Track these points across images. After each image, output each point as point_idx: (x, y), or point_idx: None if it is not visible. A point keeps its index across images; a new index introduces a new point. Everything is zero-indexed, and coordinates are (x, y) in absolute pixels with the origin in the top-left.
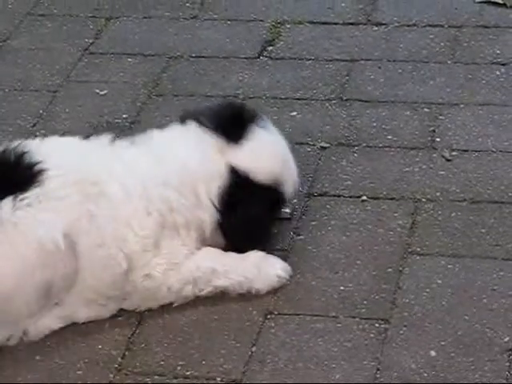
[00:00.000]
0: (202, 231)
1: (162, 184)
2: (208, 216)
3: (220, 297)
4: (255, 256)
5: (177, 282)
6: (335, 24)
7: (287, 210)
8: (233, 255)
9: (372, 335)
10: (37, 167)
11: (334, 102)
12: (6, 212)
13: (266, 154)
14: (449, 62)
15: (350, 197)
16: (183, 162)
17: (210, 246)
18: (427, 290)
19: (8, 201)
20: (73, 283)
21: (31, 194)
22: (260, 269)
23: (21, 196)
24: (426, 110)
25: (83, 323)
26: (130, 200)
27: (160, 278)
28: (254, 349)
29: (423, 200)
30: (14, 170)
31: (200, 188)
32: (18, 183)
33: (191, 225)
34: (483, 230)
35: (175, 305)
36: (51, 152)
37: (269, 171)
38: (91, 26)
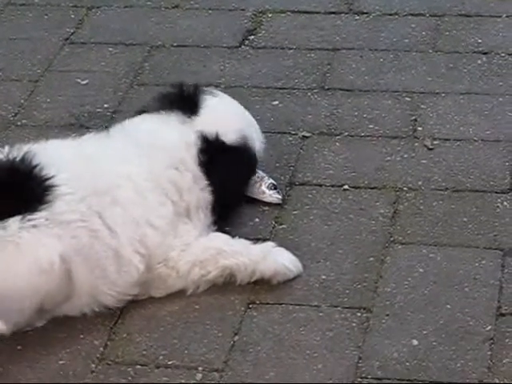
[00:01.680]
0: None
1: (164, 168)
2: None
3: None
4: (265, 244)
5: (185, 264)
6: (317, 13)
7: (279, 196)
8: (242, 240)
9: (354, 324)
10: (47, 183)
11: (315, 91)
12: (12, 232)
13: (226, 114)
14: (430, 51)
15: (332, 186)
16: (166, 142)
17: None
18: (409, 279)
19: (16, 220)
20: (69, 299)
21: (39, 217)
22: (267, 254)
23: (29, 217)
24: (407, 99)
25: None
26: (144, 197)
27: (173, 261)
28: (235, 338)
29: (405, 189)
30: (24, 184)
31: (187, 159)
32: (28, 200)
33: (200, 202)
34: (465, 219)
35: (189, 292)
36: (59, 163)
37: (235, 129)
38: (72, 16)
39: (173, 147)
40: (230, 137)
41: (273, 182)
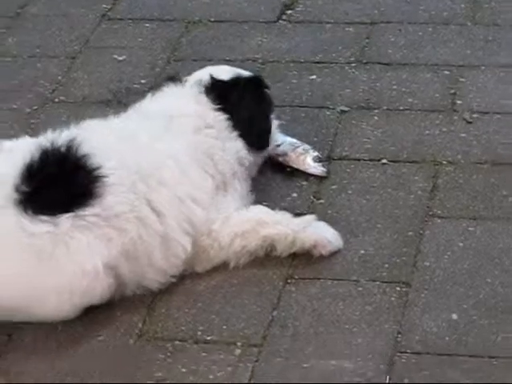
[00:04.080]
0: (240, 161)
1: (192, 133)
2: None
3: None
4: (306, 216)
5: (226, 235)
6: None
7: (324, 168)
8: (282, 212)
9: (393, 299)
10: (96, 174)
11: (353, 65)
12: (64, 230)
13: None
14: (469, 23)
15: (370, 160)
16: (183, 109)
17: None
18: (448, 253)
19: (68, 217)
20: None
21: (90, 213)
22: (308, 226)
23: (81, 213)
24: (446, 72)
25: None
26: (186, 173)
27: (215, 233)
28: (274, 313)
29: (444, 163)
30: (73, 176)
31: (200, 106)
32: (78, 194)
33: (234, 171)
34: (504, 192)
35: (232, 264)
36: (103, 149)
37: (227, 70)
38: None
39: (190, 111)
40: (225, 76)
41: (318, 154)
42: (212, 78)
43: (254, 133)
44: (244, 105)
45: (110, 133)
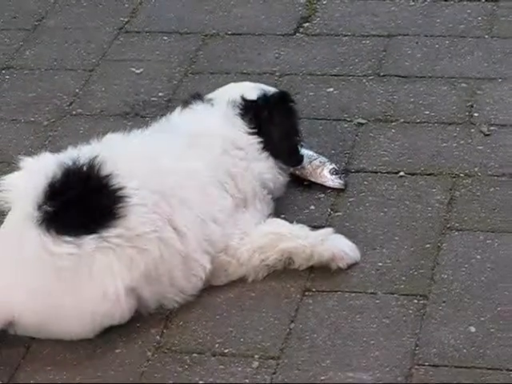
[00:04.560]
0: (264, 184)
1: (218, 154)
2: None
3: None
4: (324, 230)
5: (245, 251)
6: None
7: (341, 181)
8: (300, 225)
9: (411, 311)
10: (119, 194)
11: (371, 77)
12: (88, 252)
13: (235, 85)
14: (486, 36)
15: (388, 173)
16: (212, 128)
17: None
18: (466, 265)
19: (92, 239)
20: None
21: (114, 235)
22: (326, 239)
23: (104, 235)
24: (463, 84)
25: None
26: (206, 192)
27: (233, 249)
28: (292, 326)
29: (461, 175)
30: (97, 196)
31: (233, 130)
32: (102, 215)
33: (256, 191)
34: None
35: (250, 279)
36: (126, 168)
37: (253, 87)
38: (126, 5)
39: (222, 132)
40: (252, 94)
41: (335, 167)
42: (244, 99)
43: (288, 151)
44: (276, 125)
45: (133, 151)
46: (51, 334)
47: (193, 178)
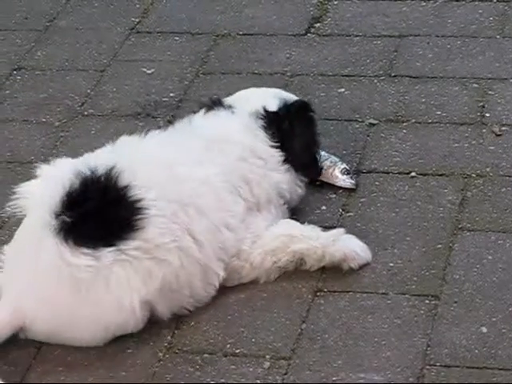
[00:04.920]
0: (280, 193)
1: (235, 160)
2: (277, 172)
3: None
4: (335, 230)
5: (258, 255)
6: (382, 0)
7: (352, 181)
8: (311, 226)
9: (422, 312)
10: (137, 206)
11: (382, 78)
12: (105, 264)
13: (256, 92)
14: (498, 36)
15: (399, 173)
16: (232, 134)
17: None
18: (477, 266)
19: (110, 251)
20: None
21: (132, 247)
22: (337, 240)
23: (123, 247)
24: (475, 85)
25: None
26: (221, 199)
27: (245, 253)
28: (303, 326)
29: (473, 176)
30: (115, 208)
31: (255, 141)
32: (121, 227)
33: (270, 197)
34: None
35: (262, 281)
36: (144, 178)
37: (273, 95)
38: (138, 5)
39: (243, 141)
40: (273, 103)
41: (346, 167)
42: (266, 111)
43: (308, 163)
44: (298, 137)
45: (150, 157)
46: (61, 340)
47: (207, 183)
